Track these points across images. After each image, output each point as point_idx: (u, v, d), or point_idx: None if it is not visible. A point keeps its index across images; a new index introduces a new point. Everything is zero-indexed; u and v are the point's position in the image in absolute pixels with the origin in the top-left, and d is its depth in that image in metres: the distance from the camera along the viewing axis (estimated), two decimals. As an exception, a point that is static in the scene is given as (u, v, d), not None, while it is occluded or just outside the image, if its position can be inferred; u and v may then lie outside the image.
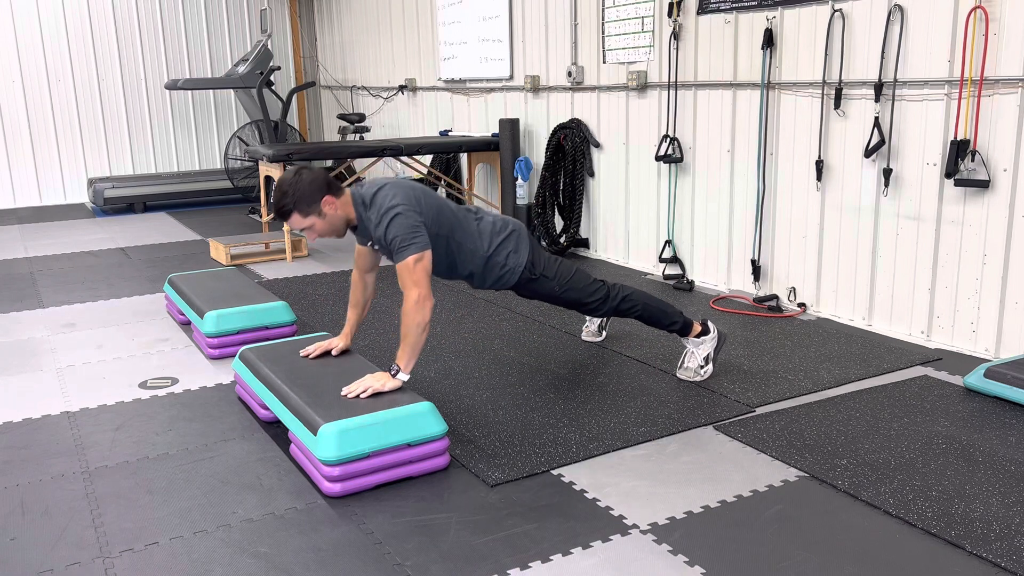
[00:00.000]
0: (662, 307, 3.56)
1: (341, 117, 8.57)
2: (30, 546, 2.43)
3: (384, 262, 3.52)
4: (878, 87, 4.04)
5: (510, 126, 6.58)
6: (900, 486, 2.64)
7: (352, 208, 3.05)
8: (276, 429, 3.20)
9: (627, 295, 3.51)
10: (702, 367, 3.59)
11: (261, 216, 7.36)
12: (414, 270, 2.92)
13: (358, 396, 2.86)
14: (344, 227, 3.08)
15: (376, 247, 3.16)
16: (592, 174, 6.07)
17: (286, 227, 6.28)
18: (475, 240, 3.24)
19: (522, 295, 3.49)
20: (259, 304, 4.20)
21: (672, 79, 5.21)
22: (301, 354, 3.29)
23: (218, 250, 6.26)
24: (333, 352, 3.30)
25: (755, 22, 4.66)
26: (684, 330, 3.59)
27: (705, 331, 3.60)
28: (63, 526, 2.53)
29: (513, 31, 6.71)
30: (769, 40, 4.55)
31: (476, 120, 7.45)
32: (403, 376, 2.94)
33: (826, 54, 4.30)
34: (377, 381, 2.91)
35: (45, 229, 7.89)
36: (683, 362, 3.63)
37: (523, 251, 3.32)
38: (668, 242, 5.45)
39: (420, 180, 8.17)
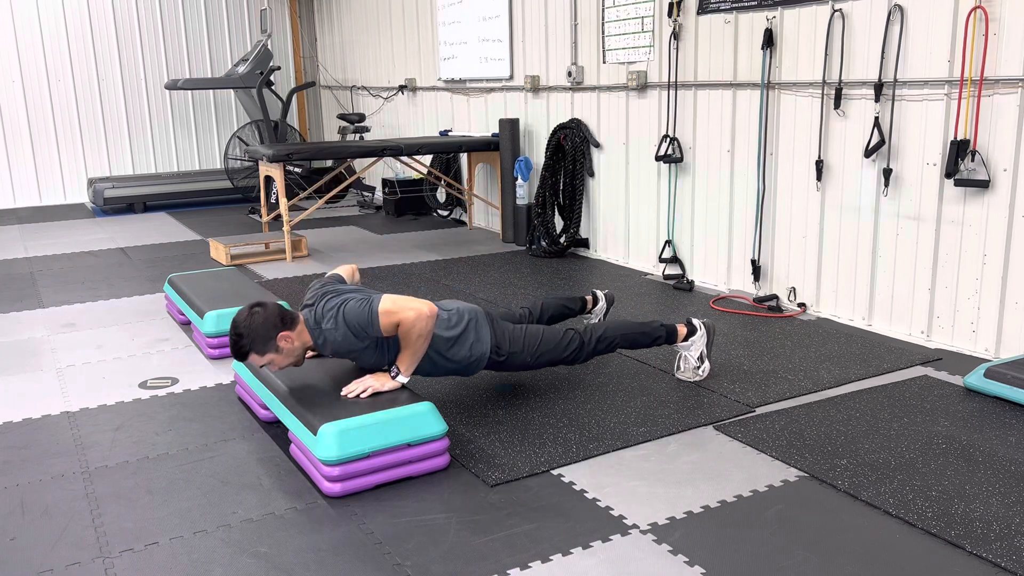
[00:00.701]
0: (641, 329, 3.49)
1: (341, 117, 8.58)
2: (30, 546, 2.43)
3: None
4: (878, 87, 4.04)
5: (510, 126, 6.58)
6: (900, 486, 2.64)
7: (307, 335, 2.97)
8: (276, 429, 3.20)
9: (600, 335, 3.40)
10: (698, 367, 3.58)
11: (261, 216, 7.36)
12: (392, 308, 2.87)
13: (358, 396, 2.86)
14: (303, 354, 3.01)
15: (351, 357, 3.07)
16: (592, 174, 6.07)
17: (286, 228, 6.28)
18: (434, 336, 3.11)
19: (498, 371, 3.40)
20: (259, 304, 4.19)
21: (672, 79, 5.21)
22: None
23: (218, 250, 6.26)
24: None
25: (755, 22, 4.66)
26: (670, 339, 3.56)
27: (691, 331, 3.57)
28: (63, 526, 2.53)
29: (513, 31, 6.71)
30: (769, 40, 4.55)
31: (476, 120, 7.45)
32: (402, 379, 2.94)
33: (826, 54, 4.30)
34: (377, 381, 2.91)
35: (45, 229, 7.89)
36: (679, 366, 3.63)
37: (485, 338, 3.20)
38: (668, 242, 5.46)
39: (420, 180, 8.18)
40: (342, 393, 2.88)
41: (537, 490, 2.68)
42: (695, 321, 3.59)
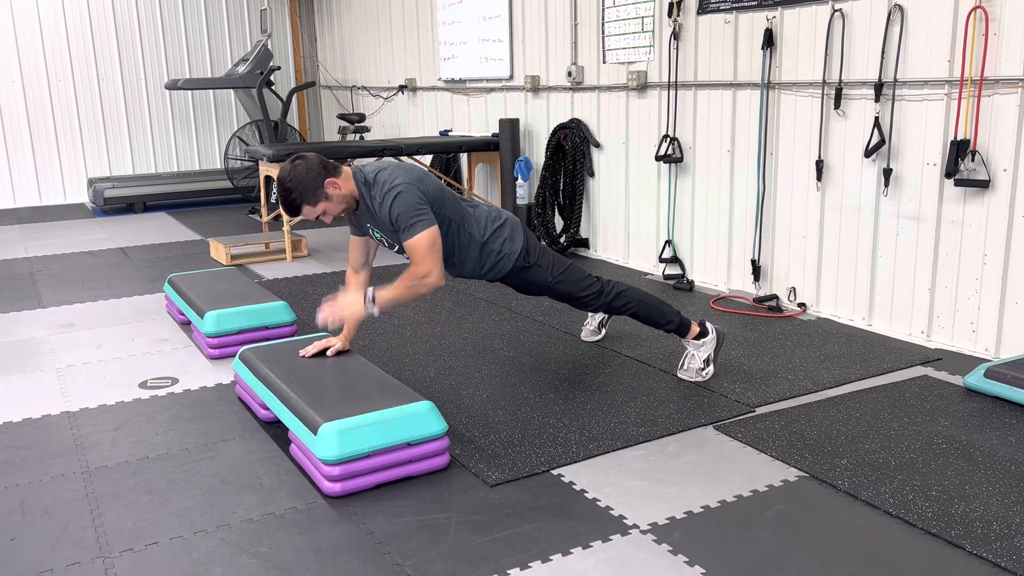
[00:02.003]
0: (659, 306, 3.55)
1: (341, 117, 8.57)
2: (30, 546, 2.43)
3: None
4: (878, 87, 4.04)
5: (510, 126, 6.58)
6: (900, 486, 2.64)
7: (353, 184, 3.05)
8: (276, 429, 3.20)
9: (621, 291, 3.50)
10: (703, 369, 3.58)
11: (261, 216, 7.36)
12: (427, 249, 2.95)
13: (327, 323, 2.92)
14: (354, 203, 3.08)
15: (375, 233, 3.16)
16: (592, 174, 6.07)
17: (286, 227, 6.28)
18: (473, 226, 3.24)
19: (515, 286, 3.47)
20: (259, 304, 4.20)
21: (672, 79, 5.21)
22: (300, 354, 3.30)
23: (218, 250, 6.26)
24: (329, 352, 3.30)
25: (755, 22, 4.66)
26: (681, 330, 3.58)
27: (704, 332, 3.59)
28: (63, 526, 2.53)
29: (513, 31, 6.71)
30: (769, 40, 4.55)
31: (476, 120, 7.45)
32: (373, 310, 2.96)
33: (826, 54, 4.30)
34: (348, 311, 2.96)
35: (45, 229, 7.89)
36: (683, 364, 3.63)
37: (518, 239, 3.32)
38: (668, 242, 5.46)
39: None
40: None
41: (537, 490, 2.68)
42: (709, 325, 3.62)
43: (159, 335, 4.46)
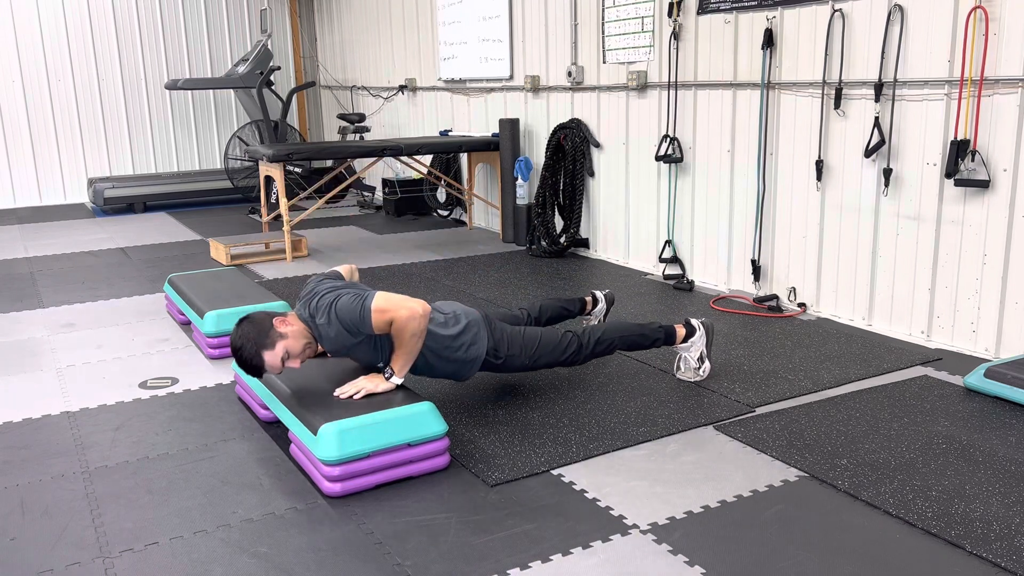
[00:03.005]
0: (640, 331, 3.49)
1: (341, 117, 8.58)
2: (30, 546, 2.43)
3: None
4: (878, 87, 4.04)
5: (510, 126, 6.58)
6: (900, 486, 2.64)
7: (302, 324, 2.95)
8: (276, 429, 3.20)
9: (599, 337, 3.40)
10: (698, 367, 3.58)
11: (261, 216, 7.36)
12: (384, 307, 2.85)
13: (351, 397, 2.85)
14: (313, 338, 2.96)
15: (354, 358, 3.07)
16: (592, 174, 6.07)
17: (286, 228, 6.28)
18: (429, 335, 3.09)
19: (495, 373, 3.41)
20: (259, 304, 4.20)
21: (672, 79, 5.21)
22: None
23: (218, 250, 6.26)
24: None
25: (755, 22, 4.66)
26: (669, 341, 3.55)
27: (690, 332, 3.57)
28: (63, 526, 2.53)
29: (513, 31, 6.71)
30: (769, 40, 4.55)
31: (476, 120, 7.45)
32: (396, 380, 2.92)
33: (826, 54, 4.30)
34: (371, 383, 2.89)
35: (45, 229, 7.89)
36: (678, 366, 3.63)
37: (482, 341, 3.20)
38: (668, 242, 5.46)
39: (420, 180, 8.18)
40: (335, 394, 2.87)
41: (537, 490, 2.68)
42: (694, 322, 3.59)
43: (159, 335, 4.46)
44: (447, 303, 3.30)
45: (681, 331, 3.57)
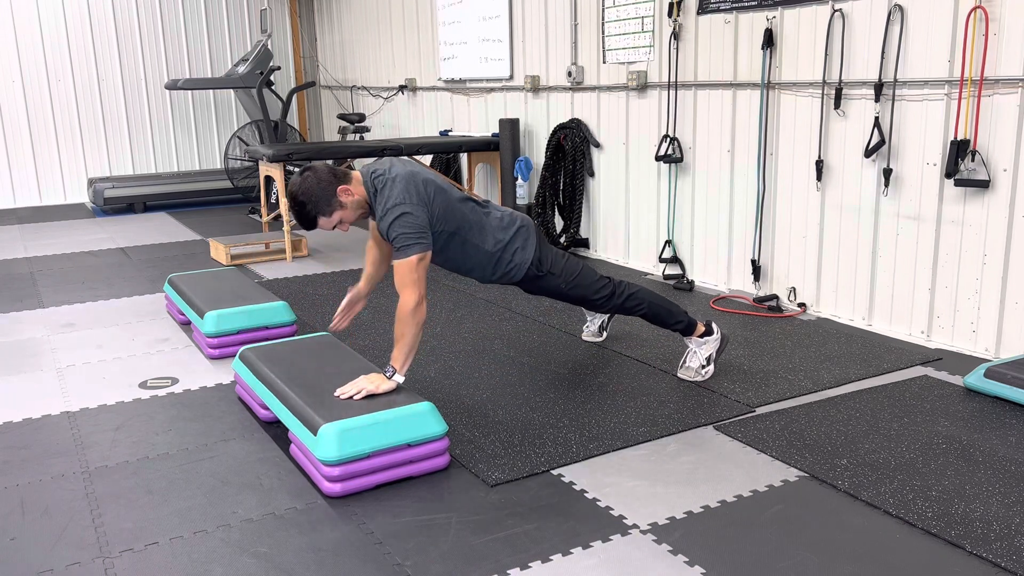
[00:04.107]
0: (668, 306, 3.56)
1: (341, 117, 8.57)
2: (30, 546, 2.43)
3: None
4: (878, 87, 4.04)
5: (510, 126, 6.58)
6: (900, 486, 2.64)
7: (363, 189, 3.03)
8: (276, 429, 3.20)
9: (632, 293, 3.50)
10: (703, 367, 3.59)
11: (261, 216, 7.36)
12: (415, 270, 2.91)
13: (351, 398, 2.85)
14: (368, 206, 3.06)
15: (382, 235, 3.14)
16: (592, 174, 6.07)
17: (286, 228, 6.28)
18: (481, 235, 3.22)
19: (527, 290, 3.48)
20: (259, 304, 4.20)
21: (672, 79, 5.21)
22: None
23: (218, 250, 6.26)
24: (348, 296, 3.36)
25: (755, 22, 4.66)
26: (688, 330, 3.58)
27: (708, 332, 3.61)
28: (63, 526, 2.53)
29: (513, 31, 6.71)
30: (769, 40, 4.55)
31: (476, 120, 7.45)
32: (398, 378, 2.92)
33: (826, 54, 4.30)
34: (371, 383, 2.89)
35: (45, 229, 7.89)
36: (685, 361, 3.63)
37: (530, 248, 3.30)
38: (668, 242, 5.45)
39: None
40: (335, 394, 2.87)
41: (537, 490, 2.68)
42: (714, 325, 3.63)
43: (159, 335, 4.46)
44: (502, 207, 3.36)
45: (701, 327, 3.61)
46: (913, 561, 2.24)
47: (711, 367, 3.59)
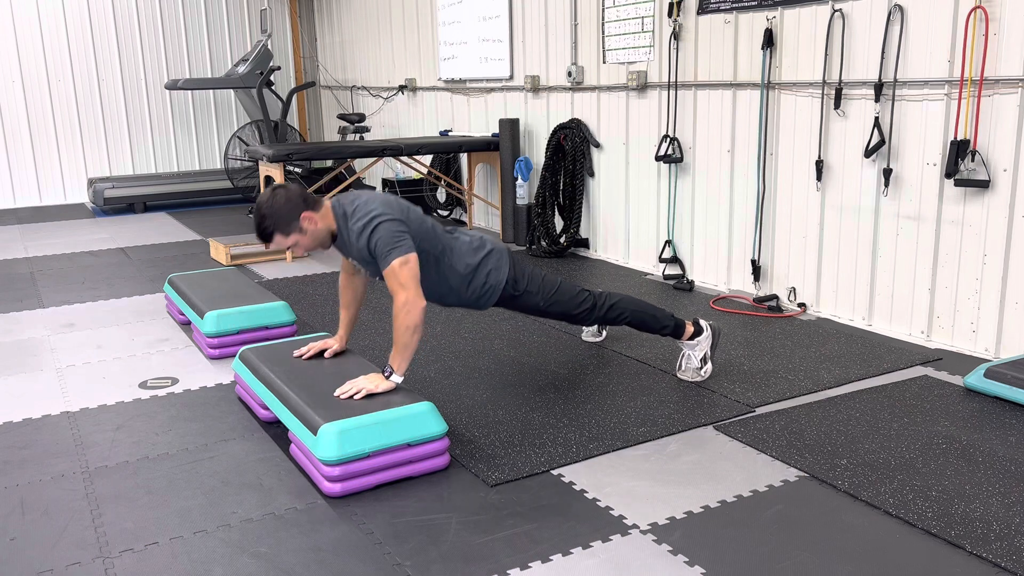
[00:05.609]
0: (652, 312, 3.53)
1: (341, 117, 8.57)
2: (30, 546, 2.43)
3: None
4: (878, 87, 4.04)
5: (510, 126, 6.58)
6: (900, 486, 2.64)
7: (332, 219, 3.01)
8: (276, 429, 3.20)
9: (614, 303, 3.47)
10: (700, 368, 3.58)
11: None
12: (400, 272, 2.88)
13: (351, 397, 2.85)
14: (329, 239, 3.04)
15: (356, 263, 3.10)
16: (592, 174, 6.07)
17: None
18: (455, 259, 3.18)
19: (509, 308, 3.45)
20: (259, 304, 4.20)
21: (672, 79, 5.21)
22: (295, 354, 3.28)
23: (218, 250, 6.26)
24: (327, 354, 3.29)
25: (755, 22, 4.66)
26: (676, 333, 3.57)
27: (698, 331, 3.59)
28: (63, 526, 2.53)
29: (513, 31, 6.71)
30: (769, 40, 4.55)
31: (476, 120, 7.45)
32: (396, 378, 2.92)
33: (826, 54, 4.30)
34: (370, 383, 2.89)
35: (45, 229, 7.89)
36: (681, 364, 3.63)
37: (504, 268, 3.27)
38: (668, 242, 5.46)
39: (420, 180, 8.18)
40: (334, 394, 2.87)
41: (537, 490, 2.68)
42: (703, 322, 3.61)
43: (159, 335, 4.46)
44: (471, 232, 3.35)
45: (690, 329, 3.59)
46: (913, 561, 2.24)
47: (709, 366, 3.59)
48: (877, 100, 4.06)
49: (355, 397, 2.84)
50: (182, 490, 2.75)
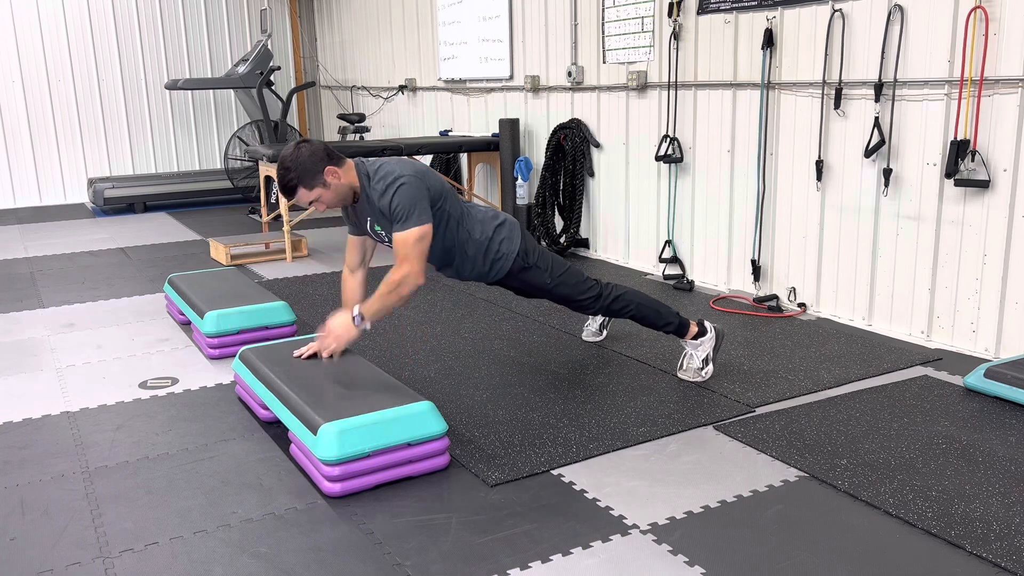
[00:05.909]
0: (657, 307, 3.54)
1: (341, 117, 8.57)
2: (30, 546, 2.43)
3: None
4: (878, 87, 4.04)
5: (510, 126, 6.58)
6: (900, 486, 2.64)
7: (355, 176, 3.04)
8: (276, 429, 3.20)
9: (620, 295, 3.49)
10: (702, 368, 3.58)
11: (261, 216, 7.36)
12: (413, 244, 2.93)
13: (331, 357, 2.93)
14: (351, 196, 3.06)
15: (374, 227, 3.13)
16: (592, 174, 6.07)
17: (286, 228, 6.28)
18: (472, 224, 3.24)
19: (514, 288, 3.46)
20: (259, 304, 4.20)
21: (672, 79, 5.21)
22: (295, 354, 3.28)
23: (218, 250, 6.26)
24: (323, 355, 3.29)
25: (755, 22, 4.66)
26: (680, 331, 3.57)
27: (702, 331, 3.59)
28: (63, 526, 2.53)
29: (513, 31, 6.71)
30: (769, 40, 4.55)
31: (476, 120, 7.45)
32: (365, 325, 2.98)
33: (826, 54, 4.30)
34: (339, 330, 3.00)
35: (45, 229, 7.89)
36: (682, 364, 3.63)
37: (515, 239, 3.32)
38: (668, 242, 5.46)
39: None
40: (294, 355, 3.00)
41: (537, 490, 2.68)
42: (707, 324, 3.61)
43: (159, 335, 4.46)
44: (482, 205, 3.40)
45: (694, 328, 3.59)
46: (913, 561, 2.24)
47: (710, 367, 3.59)
48: (877, 100, 4.06)
49: (323, 356, 2.95)
50: (182, 490, 2.75)
